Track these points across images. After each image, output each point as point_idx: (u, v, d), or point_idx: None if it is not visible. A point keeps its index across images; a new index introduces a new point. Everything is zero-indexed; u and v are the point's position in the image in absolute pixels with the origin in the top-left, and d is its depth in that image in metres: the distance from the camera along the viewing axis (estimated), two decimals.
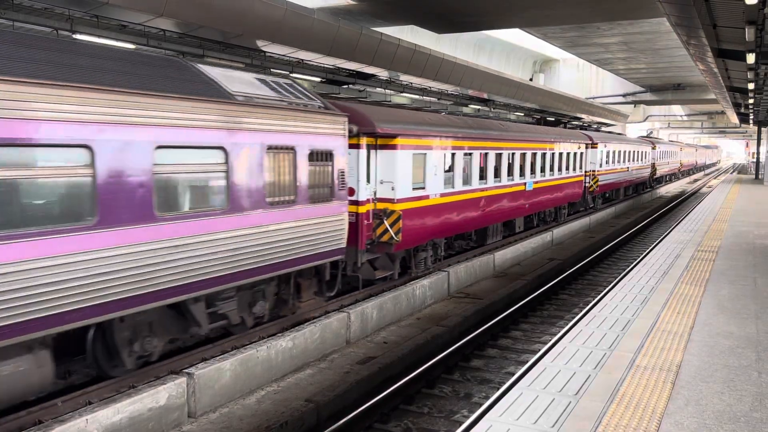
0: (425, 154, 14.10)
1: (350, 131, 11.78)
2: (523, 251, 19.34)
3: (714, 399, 5.34)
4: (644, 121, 58.35)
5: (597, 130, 37.04)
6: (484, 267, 16.61)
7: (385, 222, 12.87)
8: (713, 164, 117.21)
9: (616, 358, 6.26)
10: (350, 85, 21.46)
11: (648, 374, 5.84)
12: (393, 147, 13.06)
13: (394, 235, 12.83)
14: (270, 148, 9.53)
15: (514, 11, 19.16)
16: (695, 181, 69.50)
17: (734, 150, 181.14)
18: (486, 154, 17.08)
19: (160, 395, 7.49)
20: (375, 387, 9.25)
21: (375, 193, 13.12)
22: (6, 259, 6.25)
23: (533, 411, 5.03)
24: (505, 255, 17.91)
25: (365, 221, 12.76)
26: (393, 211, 12.92)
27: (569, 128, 30.88)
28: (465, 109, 31.76)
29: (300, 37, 15.13)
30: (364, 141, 12.64)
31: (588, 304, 14.12)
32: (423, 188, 14.09)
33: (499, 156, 18.02)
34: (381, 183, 13.14)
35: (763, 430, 4.78)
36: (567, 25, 25.04)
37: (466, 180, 16.12)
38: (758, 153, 47.51)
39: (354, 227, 12.41)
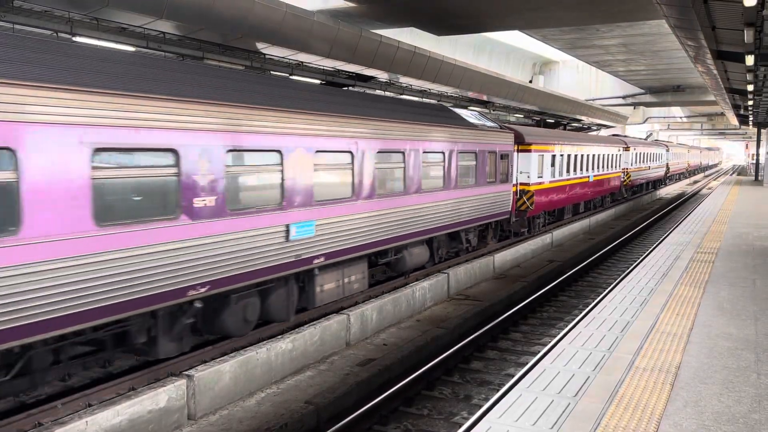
0: (542, 155, 22.46)
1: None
2: (523, 253, 19.35)
3: (713, 400, 5.34)
4: (644, 122, 58.39)
5: (615, 134, 44.35)
6: (484, 269, 16.62)
7: (524, 197, 21.54)
8: (715, 165, 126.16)
9: (616, 360, 6.27)
10: (350, 88, 21.46)
11: (647, 375, 5.85)
12: (529, 151, 21.49)
13: (529, 206, 21.48)
14: (489, 152, 17.77)
15: (514, 13, 19.18)
16: (695, 182, 69.61)
17: (734, 152, 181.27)
18: (570, 155, 25.43)
19: (159, 397, 7.50)
20: (375, 389, 9.26)
21: (517, 179, 21.14)
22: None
23: (532, 412, 5.04)
24: (504, 257, 17.92)
25: (514, 197, 20.67)
26: (529, 191, 21.50)
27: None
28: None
29: (300, 40, 15.15)
30: (515, 148, 20.45)
31: (587, 306, 14.12)
32: (542, 177, 22.43)
33: (577, 157, 26.27)
34: (520, 173, 21.41)
35: None
36: (566, 27, 25.07)
37: (561, 172, 24.48)
38: (758, 154, 47.50)
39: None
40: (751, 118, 41.77)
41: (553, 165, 23.26)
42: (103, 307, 7.28)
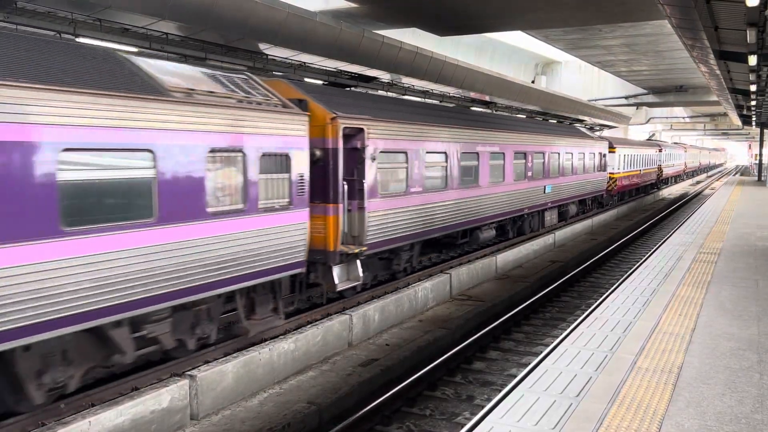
0: (620, 155, 33.99)
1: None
2: (525, 253, 19.34)
3: (715, 401, 5.34)
4: (646, 123, 58.30)
5: (650, 138, 54.93)
6: (486, 269, 16.62)
7: (611, 182, 32.54)
8: (720, 164, 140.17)
9: (618, 360, 6.27)
10: (352, 88, 21.47)
11: (649, 376, 5.85)
12: (613, 151, 32.74)
13: (613, 186, 32.99)
14: (599, 153, 28.53)
15: (516, 14, 19.18)
16: (698, 183, 69.52)
17: (737, 152, 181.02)
18: (630, 154, 36.61)
19: (162, 397, 7.51)
20: (377, 389, 9.27)
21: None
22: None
23: (535, 413, 5.05)
24: (507, 257, 17.92)
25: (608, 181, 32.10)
26: (614, 177, 32.97)
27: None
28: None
29: (302, 40, 15.17)
30: (608, 150, 31.52)
31: (590, 306, 14.11)
32: (620, 169, 34.01)
33: (634, 155, 37.61)
34: (609, 166, 32.20)
35: None
36: (569, 28, 25.06)
37: (627, 167, 35.76)
38: (761, 155, 47.41)
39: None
40: (753, 119, 41.70)
41: (624, 161, 35.14)
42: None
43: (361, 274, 12.24)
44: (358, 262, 12.19)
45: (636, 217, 33.18)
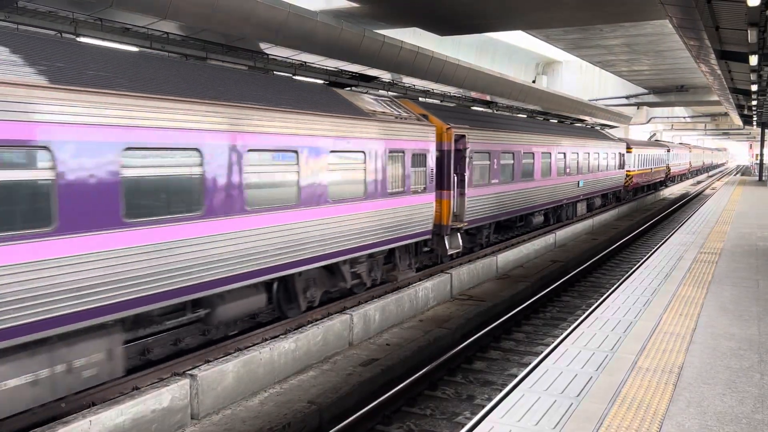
0: (634, 153, 37.37)
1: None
2: (526, 253, 19.34)
3: (716, 401, 5.34)
4: (647, 122, 58.25)
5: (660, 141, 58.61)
6: (487, 269, 16.61)
7: (627, 179, 36.40)
8: (723, 163, 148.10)
9: (618, 360, 6.27)
10: (353, 88, 21.46)
11: (650, 376, 5.85)
12: (630, 151, 36.68)
13: (629, 182, 37.02)
14: (619, 152, 34.19)
15: (517, 13, 19.16)
16: (698, 183, 69.48)
17: (737, 152, 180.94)
18: (644, 154, 40.48)
19: (163, 397, 7.52)
20: (378, 389, 9.26)
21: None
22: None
23: (535, 413, 5.05)
24: (507, 257, 17.91)
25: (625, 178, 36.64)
26: (630, 174, 37.03)
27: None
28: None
29: (303, 40, 15.16)
30: (624, 150, 35.32)
31: (590, 306, 14.11)
32: (634, 167, 37.65)
33: (647, 155, 41.42)
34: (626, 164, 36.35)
35: None
36: (569, 27, 25.04)
37: (639, 164, 39.29)
38: (761, 155, 47.37)
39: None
40: (754, 118, 41.67)
41: (638, 160, 39.07)
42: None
43: (461, 244, 16.46)
44: (459, 234, 16.43)
45: (637, 217, 33.16)
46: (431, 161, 14.92)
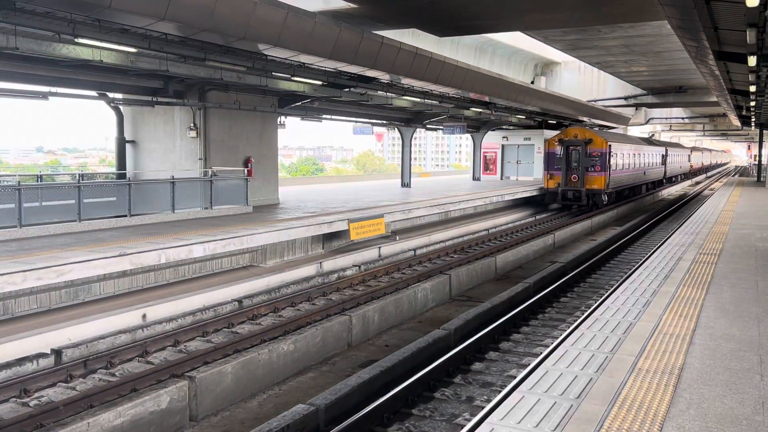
0: (669, 153, 53.83)
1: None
2: (525, 254, 19.33)
3: (716, 402, 5.32)
4: (646, 123, 58.35)
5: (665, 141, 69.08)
6: (486, 270, 16.60)
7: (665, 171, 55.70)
8: (725, 164, 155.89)
9: (618, 362, 6.25)
10: (351, 89, 21.46)
11: (650, 377, 5.83)
12: (666, 152, 53.93)
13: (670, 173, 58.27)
14: (660, 154, 49.73)
15: (515, 14, 19.17)
16: (697, 183, 69.70)
17: (737, 153, 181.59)
18: (675, 154, 55.74)
19: (161, 399, 7.49)
20: (376, 390, 9.23)
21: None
22: None
23: (535, 414, 5.03)
24: (506, 258, 17.90)
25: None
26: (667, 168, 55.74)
27: None
28: (465, 112, 31.75)
29: (301, 41, 15.13)
30: (664, 152, 51.64)
31: (590, 308, 14.09)
32: (671, 163, 56.61)
33: (677, 155, 56.66)
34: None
35: None
36: (568, 28, 25.04)
37: (672, 161, 54.77)
38: (760, 156, 47.44)
39: None
40: (753, 120, 41.72)
41: (672, 159, 52.27)
42: None
43: (606, 200, 32.27)
44: (604, 195, 31.91)
45: (636, 217, 33.19)
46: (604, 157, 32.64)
